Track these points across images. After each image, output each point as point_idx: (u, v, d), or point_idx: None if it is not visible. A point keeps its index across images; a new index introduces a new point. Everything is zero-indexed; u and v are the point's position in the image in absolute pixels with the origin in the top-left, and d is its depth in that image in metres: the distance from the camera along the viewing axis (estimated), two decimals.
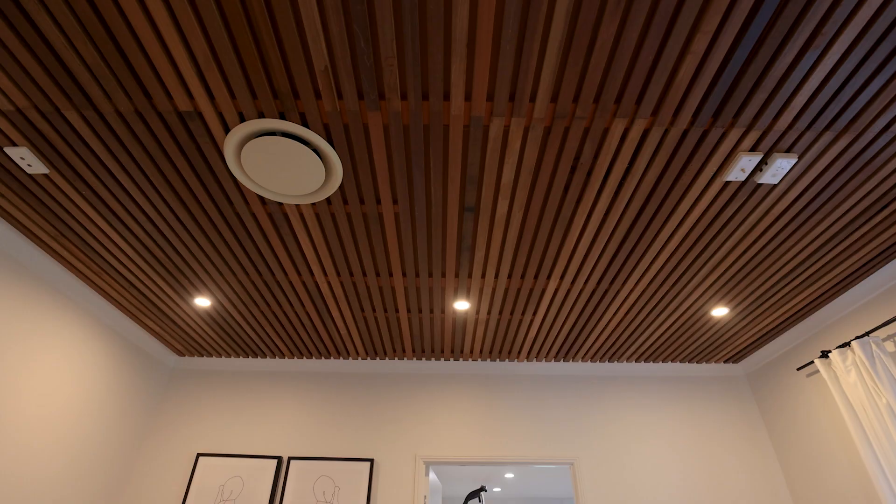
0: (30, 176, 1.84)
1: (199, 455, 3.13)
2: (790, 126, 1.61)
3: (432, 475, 3.82)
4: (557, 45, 1.35)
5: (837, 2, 1.24)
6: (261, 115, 1.59)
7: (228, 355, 3.51)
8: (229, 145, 1.66)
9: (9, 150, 1.71)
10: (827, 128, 1.62)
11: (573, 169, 1.80)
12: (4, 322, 2.18)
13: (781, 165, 1.73)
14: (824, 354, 2.69)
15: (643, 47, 1.36)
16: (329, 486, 3.02)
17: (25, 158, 1.74)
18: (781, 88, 1.48)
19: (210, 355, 3.52)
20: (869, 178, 1.81)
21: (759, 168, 1.77)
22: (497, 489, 8.10)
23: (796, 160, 1.72)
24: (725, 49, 1.36)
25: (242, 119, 1.60)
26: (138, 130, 1.65)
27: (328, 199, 1.96)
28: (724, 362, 3.54)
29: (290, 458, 3.13)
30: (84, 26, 1.32)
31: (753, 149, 1.70)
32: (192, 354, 3.51)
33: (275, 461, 3.11)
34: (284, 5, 1.27)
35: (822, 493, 2.82)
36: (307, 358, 3.54)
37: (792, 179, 1.82)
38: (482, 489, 6.47)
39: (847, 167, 1.77)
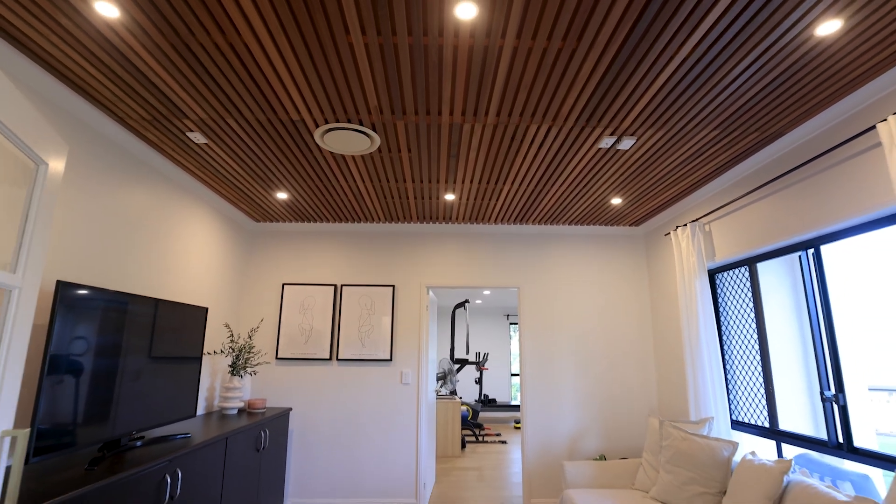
0: (196, 144, 3.15)
1: (283, 284, 4.97)
2: (630, 125, 2.91)
3: (431, 294, 5.76)
4: (500, 91, 2.60)
5: (659, 55, 2.44)
6: (337, 121, 2.86)
7: (291, 220, 5.10)
8: (317, 133, 2.95)
9: (189, 134, 3.00)
10: (651, 126, 2.92)
11: (512, 139, 3.12)
12: (174, 213, 3.69)
13: (628, 142, 3.06)
14: (676, 229, 4.30)
15: (545, 90, 2.61)
16: (368, 301, 4.93)
17: (197, 137, 3.03)
18: (625, 106, 2.75)
19: (278, 221, 5.11)
20: (678, 150, 3.16)
21: (616, 143, 3.10)
22: (479, 301, 10.62)
23: (636, 140, 3.05)
24: (593, 86, 2.62)
25: (327, 122, 2.87)
26: (268, 129, 2.93)
27: (371, 153, 3.31)
28: (629, 226, 5.19)
29: (342, 285, 4.98)
30: (242, 80, 2.55)
31: (612, 134, 3.01)
32: (265, 221, 5.10)
33: (332, 287, 4.96)
34: (355, 80, 2.49)
35: (663, 311, 4.76)
36: (346, 222, 5.14)
37: (636, 148, 3.17)
38: (466, 301, 8.77)
39: (664, 144, 3.11)
